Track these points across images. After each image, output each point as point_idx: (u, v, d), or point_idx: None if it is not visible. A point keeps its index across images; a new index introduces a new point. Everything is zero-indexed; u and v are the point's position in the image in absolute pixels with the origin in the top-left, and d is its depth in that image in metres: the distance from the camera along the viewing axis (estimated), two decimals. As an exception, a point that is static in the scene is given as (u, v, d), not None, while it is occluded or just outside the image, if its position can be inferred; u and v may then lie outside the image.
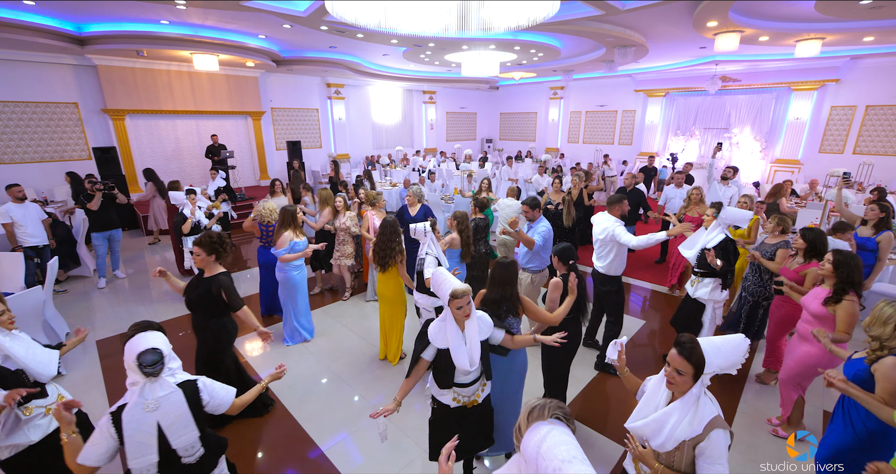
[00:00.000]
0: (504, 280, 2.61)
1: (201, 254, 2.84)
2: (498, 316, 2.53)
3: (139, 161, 9.90)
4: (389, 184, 10.85)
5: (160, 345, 1.75)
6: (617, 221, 3.63)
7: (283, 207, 4.09)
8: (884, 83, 10.12)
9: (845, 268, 2.65)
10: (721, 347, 1.66)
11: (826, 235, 3.26)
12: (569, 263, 2.92)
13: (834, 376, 2.06)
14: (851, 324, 2.63)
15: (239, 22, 7.45)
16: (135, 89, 9.42)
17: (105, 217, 5.86)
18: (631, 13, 6.58)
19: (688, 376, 1.62)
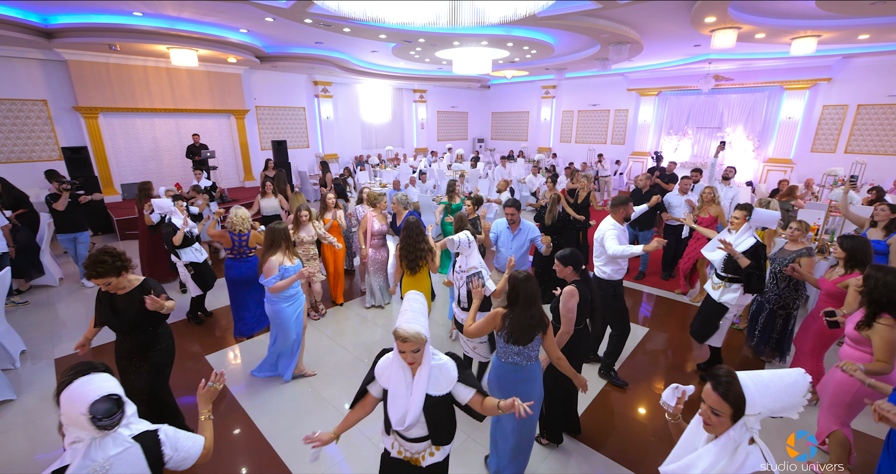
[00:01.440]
0: (533, 298, 2.26)
1: (111, 280, 2.41)
2: (528, 340, 2.27)
3: (114, 162, 9.42)
4: (379, 184, 10.52)
5: (116, 390, 1.39)
6: (614, 225, 3.46)
7: (272, 226, 3.38)
8: (875, 82, 10.10)
9: (870, 283, 2.31)
10: (770, 384, 1.36)
11: (868, 242, 2.97)
12: (580, 270, 2.71)
13: (887, 409, 1.75)
14: (891, 352, 2.25)
15: (218, 14, 7.06)
16: (108, 86, 8.94)
17: (71, 218, 5.56)
18: (628, 7, 6.36)
19: (725, 417, 1.38)
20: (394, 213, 5.14)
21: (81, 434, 1.34)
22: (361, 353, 4.16)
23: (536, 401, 2.44)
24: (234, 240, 4.11)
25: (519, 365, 2.35)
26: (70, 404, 1.33)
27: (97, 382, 1.38)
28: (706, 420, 1.44)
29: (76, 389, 1.35)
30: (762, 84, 11.45)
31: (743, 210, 3.47)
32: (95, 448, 1.35)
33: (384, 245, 5.03)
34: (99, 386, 1.37)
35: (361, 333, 4.60)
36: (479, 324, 2.41)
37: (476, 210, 5.00)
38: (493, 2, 4.79)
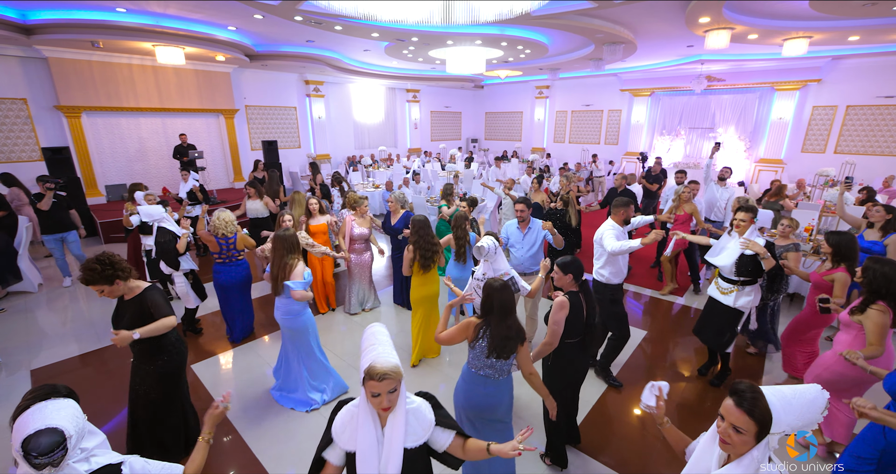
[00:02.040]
0: (506, 308, 2.13)
1: (104, 288, 2.33)
2: (507, 354, 2.13)
3: (98, 162, 9.16)
4: (372, 185, 10.38)
5: (63, 422, 1.25)
6: (613, 226, 3.42)
7: (279, 235, 3.17)
8: (864, 83, 10.21)
9: (869, 275, 2.48)
10: (792, 400, 1.32)
11: (854, 238, 3.09)
12: (579, 280, 2.56)
13: (863, 405, 1.83)
14: (881, 335, 2.40)
15: (205, 11, 6.87)
16: (91, 84, 8.68)
17: (57, 217, 5.47)
18: (623, 7, 6.31)
19: (749, 435, 1.30)
20: (389, 212, 5.03)
21: (29, 470, 1.20)
22: (353, 360, 4.04)
23: (505, 415, 2.34)
24: (220, 243, 3.98)
25: (490, 378, 2.22)
26: (15, 434, 1.21)
27: (47, 411, 1.25)
28: (725, 438, 1.34)
29: (24, 418, 1.24)
30: (753, 85, 11.52)
31: (748, 211, 3.33)
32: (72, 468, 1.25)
33: (367, 249, 4.90)
34: (44, 416, 1.23)
35: (351, 339, 4.48)
36: (451, 332, 2.28)
37: (471, 211, 4.93)
38: (488, 0, 4.72)
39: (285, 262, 3.11)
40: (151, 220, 4.40)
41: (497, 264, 3.04)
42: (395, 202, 4.88)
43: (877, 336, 2.40)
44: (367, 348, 1.46)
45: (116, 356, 4.10)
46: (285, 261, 3.12)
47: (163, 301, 2.50)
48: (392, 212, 4.98)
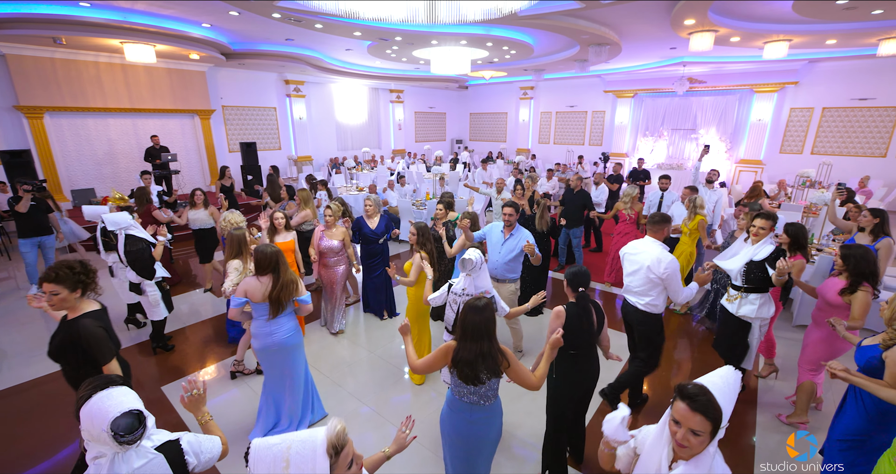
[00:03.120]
0: (479, 331, 1.95)
1: (61, 291, 2.08)
2: (474, 380, 1.95)
3: (63, 166, 8.66)
4: (356, 188, 10.12)
5: (137, 405, 1.38)
6: (672, 258, 3.00)
7: (261, 250, 2.78)
8: (838, 86, 10.47)
9: (851, 260, 2.74)
10: (724, 389, 1.36)
11: (804, 229, 3.39)
12: (578, 291, 2.47)
13: (835, 367, 2.13)
14: (864, 312, 2.71)
15: (176, 7, 6.53)
16: (55, 83, 8.19)
17: (35, 221, 5.33)
18: (609, 8, 6.26)
19: (706, 435, 1.32)
20: (360, 217, 4.71)
21: (104, 449, 1.34)
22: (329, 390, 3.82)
23: (493, 442, 2.17)
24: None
25: (475, 405, 2.06)
26: (90, 420, 1.32)
27: (116, 397, 1.36)
28: (684, 443, 1.33)
29: (95, 405, 1.33)
30: (733, 86, 11.70)
31: (768, 219, 3.18)
32: (119, 462, 1.35)
33: (339, 262, 4.41)
34: (119, 402, 1.35)
35: (332, 356, 4.26)
36: (429, 359, 2.08)
37: (447, 214, 4.72)
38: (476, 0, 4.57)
39: (287, 280, 2.78)
40: (117, 228, 4.05)
41: (479, 281, 2.81)
42: (374, 205, 4.63)
43: (860, 312, 2.71)
44: None
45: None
46: (287, 278, 2.78)
47: (102, 337, 2.14)
48: (368, 216, 4.67)
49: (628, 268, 3.19)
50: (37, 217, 5.35)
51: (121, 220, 4.05)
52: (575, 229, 6.21)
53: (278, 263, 2.75)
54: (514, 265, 3.79)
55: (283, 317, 2.86)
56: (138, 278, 3.96)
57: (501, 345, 2.04)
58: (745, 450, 3.02)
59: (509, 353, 2.03)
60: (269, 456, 1.14)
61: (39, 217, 5.39)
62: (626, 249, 3.23)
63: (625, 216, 5.57)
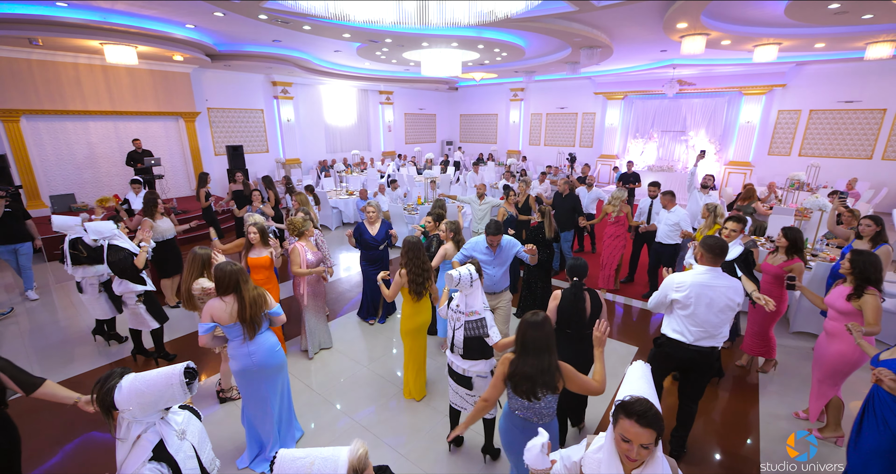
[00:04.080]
0: (541, 347, 1.96)
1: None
2: (530, 395, 1.95)
3: (41, 171, 8.34)
4: (346, 192, 9.95)
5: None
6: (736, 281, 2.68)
7: (222, 269, 2.59)
8: (825, 88, 10.60)
9: (858, 264, 2.75)
10: (650, 391, 1.50)
11: (799, 232, 3.47)
12: (573, 280, 2.80)
13: (886, 374, 2.05)
14: (878, 316, 2.67)
15: (158, 7, 6.31)
16: (31, 85, 7.88)
17: (9, 228, 5.24)
18: (602, 11, 6.21)
19: (654, 445, 1.37)
20: (361, 222, 4.61)
21: (151, 418, 1.55)
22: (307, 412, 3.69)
23: None
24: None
25: (528, 421, 2.03)
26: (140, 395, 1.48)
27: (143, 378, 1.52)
28: (635, 457, 1.37)
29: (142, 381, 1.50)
30: (722, 89, 11.79)
31: (738, 222, 3.53)
32: (166, 424, 1.60)
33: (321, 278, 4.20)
34: (157, 371, 1.55)
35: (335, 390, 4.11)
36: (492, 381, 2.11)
37: (437, 226, 4.58)
38: (469, 2, 4.46)
39: (254, 296, 2.61)
40: (101, 238, 3.88)
41: (471, 299, 2.63)
42: (375, 211, 4.52)
43: (875, 317, 2.66)
44: None
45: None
46: (252, 294, 2.61)
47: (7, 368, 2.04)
48: (370, 222, 4.58)
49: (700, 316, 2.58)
50: (11, 224, 5.25)
51: (105, 230, 3.87)
52: (566, 232, 6.23)
53: (238, 281, 2.56)
54: (506, 276, 3.78)
55: (261, 335, 2.67)
56: (121, 290, 3.80)
57: (562, 363, 2.03)
58: (751, 451, 3.02)
59: (567, 369, 2.02)
60: (293, 469, 1.27)
61: (14, 224, 5.29)
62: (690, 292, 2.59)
63: (615, 218, 5.54)
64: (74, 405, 2.05)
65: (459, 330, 2.66)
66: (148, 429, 1.55)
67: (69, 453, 3.05)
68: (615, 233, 5.53)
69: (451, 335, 2.75)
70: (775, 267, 3.57)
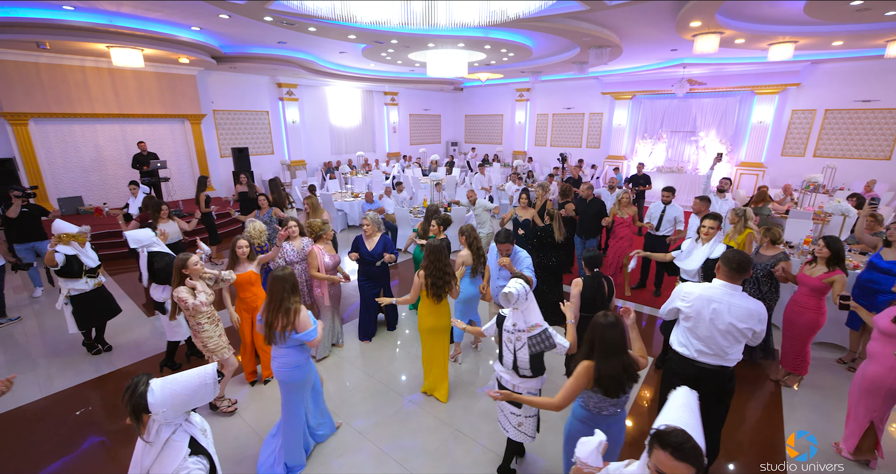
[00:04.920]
0: (617, 347, 2.01)
1: None
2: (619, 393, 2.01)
3: (49, 173, 8.36)
4: (351, 194, 9.88)
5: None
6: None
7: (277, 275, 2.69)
8: (841, 87, 10.34)
9: None
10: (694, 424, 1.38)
11: (839, 241, 3.32)
12: (593, 270, 3.21)
13: None
14: None
15: (164, 10, 6.27)
16: (39, 89, 7.90)
17: (26, 226, 5.46)
18: (613, 10, 6.07)
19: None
20: (360, 237, 4.31)
21: (179, 419, 1.63)
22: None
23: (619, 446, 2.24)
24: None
25: (613, 416, 2.14)
26: (174, 395, 1.56)
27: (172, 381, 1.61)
28: None
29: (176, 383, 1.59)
30: (734, 88, 11.55)
31: (715, 219, 3.55)
32: (190, 424, 1.69)
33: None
34: (186, 373, 1.64)
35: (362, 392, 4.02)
36: (572, 387, 2.04)
37: (443, 231, 4.45)
38: (479, 2, 4.35)
39: (288, 307, 2.62)
40: (139, 246, 3.97)
41: (528, 314, 2.47)
42: (372, 224, 4.24)
43: None
44: None
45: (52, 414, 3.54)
46: (287, 305, 2.62)
47: None
48: (367, 235, 4.30)
49: (702, 331, 2.42)
50: (29, 223, 5.45)
51: (144, 237, 3.98)
52: (591, 239, 5.94)
53: (282, 290, 2.65)
54: None
55: (279, 349, 2.71)
56: (164, 296, 3.86)
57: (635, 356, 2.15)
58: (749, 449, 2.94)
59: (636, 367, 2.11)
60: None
61: (32, 222, 5.48)
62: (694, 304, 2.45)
63: (619, 219, 5.55)
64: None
65: (522, 349, 2.45)
66: (176, 431, 1.63)
67: (76, 458, 3.00)
68: (619, 233, 5.56)
69: (509, 357, 2.53)
70: (814, 279, 3.37)
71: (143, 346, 4.50)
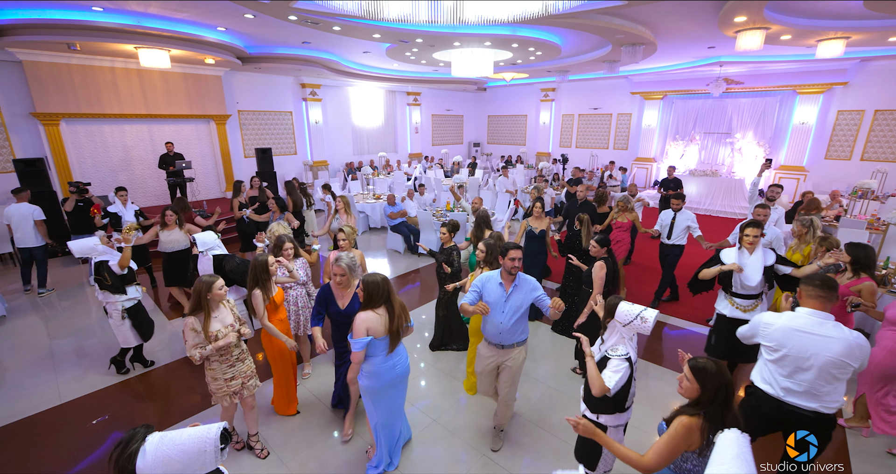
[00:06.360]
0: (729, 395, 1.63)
1: None
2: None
3: (79, 173, 8.51)
4: (373, 195, 9.76)
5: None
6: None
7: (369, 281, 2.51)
8: (894, 86, 9.64)
9: None
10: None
11: (871, 249, 3.20)
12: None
13: None
14: None
15: (190, 10, 6.25)
16: (71, 89, 8.04)
17: (82, 219, 6.05)
18: (652, 5, 5.73)
19: None
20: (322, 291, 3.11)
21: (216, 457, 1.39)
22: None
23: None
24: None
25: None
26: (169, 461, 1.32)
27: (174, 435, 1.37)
28: None
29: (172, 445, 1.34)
30: (774, 88, 10.94)
31: (757, 227, 3.36)
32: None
33: None
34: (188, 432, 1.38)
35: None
36: (667, 446, 1.61)
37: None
38: (513, 2, 4.13)
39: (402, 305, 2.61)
40: (206, 249, 4.01)
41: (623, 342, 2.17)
42: (347, 273, 2.93)
43: None
44: None
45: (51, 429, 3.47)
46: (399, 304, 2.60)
47: None
48: (338, 285, 2.99)
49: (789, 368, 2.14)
50: (83, 216, 6.03)
51: (210, 241, 4.05)
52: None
53: (389, 292, 2.55)
54: (522, 325, 2.84)
55: (399, 345, 2.68)
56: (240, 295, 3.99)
57: None
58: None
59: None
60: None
61: (85, 216, 6.01)
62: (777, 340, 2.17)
63: (618, 223, 5.54)
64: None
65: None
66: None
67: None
68: (616, 237, 5.52)
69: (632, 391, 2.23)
70: (842, 287, 3.20)
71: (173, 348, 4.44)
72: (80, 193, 6.05)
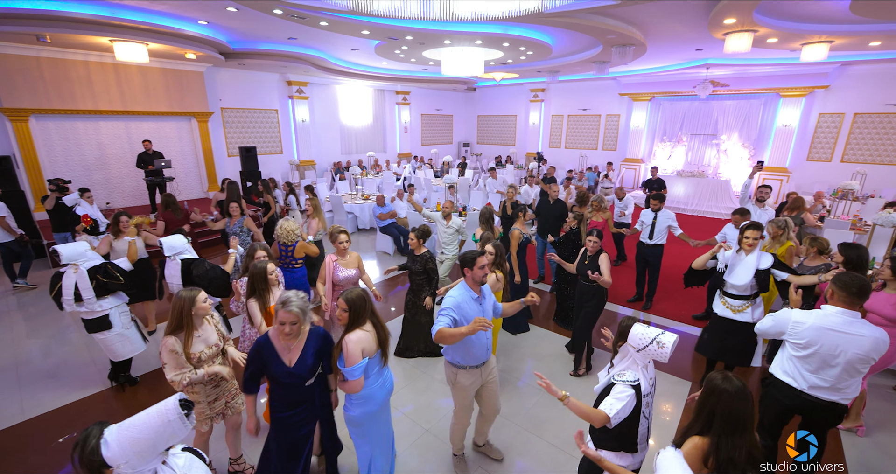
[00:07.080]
0: (747, 422, 1.54)
1: None
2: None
3: (50, 172, 8.10)
4: (361, 196, 9.57)
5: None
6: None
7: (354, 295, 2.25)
8: (872, 91, 9.89)
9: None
10: None
11: (865, 249, 3.07)
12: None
13: None
14: None
15: (170, 3, 5.99)
16: (41, 84, 7.64)
17: (62, 216, 5.94)
18: (643, 5, 5.70)
19: None
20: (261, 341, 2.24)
21: (151, 465, 1.38)
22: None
23: None
24: (280, 250, 4.06)
25: None
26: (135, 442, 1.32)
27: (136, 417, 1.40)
28: None
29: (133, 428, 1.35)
30: (758, 90, 11.12)
31: (756, 229, 3.35)
32: (169, 467, 1.43)
33: None
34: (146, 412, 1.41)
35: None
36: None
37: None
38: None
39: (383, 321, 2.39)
40: (173, 253, 3.72)
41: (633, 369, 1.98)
42: (298, 320, 2.12)
43: None
44: None
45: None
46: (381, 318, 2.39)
47: None
48: (286, 337, 2.16)
49: (817, 364, 2.20)
50: (64, 214, 5.90)
51: (178, 245, 3.74)
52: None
53: (372, 307, 2.32)
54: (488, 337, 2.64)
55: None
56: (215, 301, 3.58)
57: None
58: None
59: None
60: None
61: (67, 213, 5.87)
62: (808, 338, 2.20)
63: (593, 222, 5.54)
64: None
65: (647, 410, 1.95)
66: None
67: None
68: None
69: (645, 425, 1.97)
70: None
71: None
72: (60, 191, 5.97)
